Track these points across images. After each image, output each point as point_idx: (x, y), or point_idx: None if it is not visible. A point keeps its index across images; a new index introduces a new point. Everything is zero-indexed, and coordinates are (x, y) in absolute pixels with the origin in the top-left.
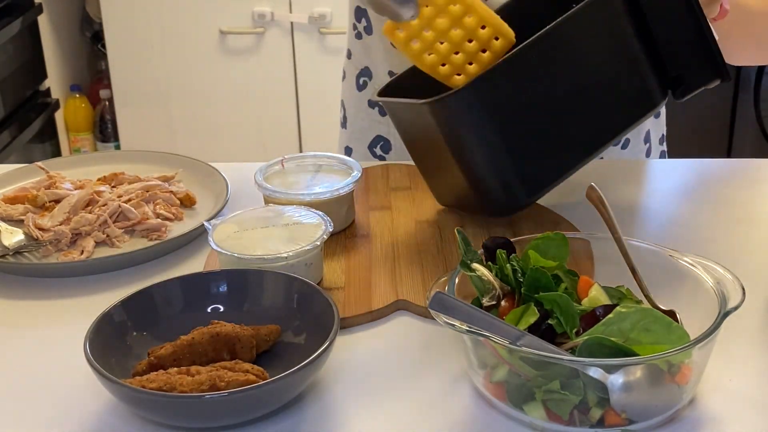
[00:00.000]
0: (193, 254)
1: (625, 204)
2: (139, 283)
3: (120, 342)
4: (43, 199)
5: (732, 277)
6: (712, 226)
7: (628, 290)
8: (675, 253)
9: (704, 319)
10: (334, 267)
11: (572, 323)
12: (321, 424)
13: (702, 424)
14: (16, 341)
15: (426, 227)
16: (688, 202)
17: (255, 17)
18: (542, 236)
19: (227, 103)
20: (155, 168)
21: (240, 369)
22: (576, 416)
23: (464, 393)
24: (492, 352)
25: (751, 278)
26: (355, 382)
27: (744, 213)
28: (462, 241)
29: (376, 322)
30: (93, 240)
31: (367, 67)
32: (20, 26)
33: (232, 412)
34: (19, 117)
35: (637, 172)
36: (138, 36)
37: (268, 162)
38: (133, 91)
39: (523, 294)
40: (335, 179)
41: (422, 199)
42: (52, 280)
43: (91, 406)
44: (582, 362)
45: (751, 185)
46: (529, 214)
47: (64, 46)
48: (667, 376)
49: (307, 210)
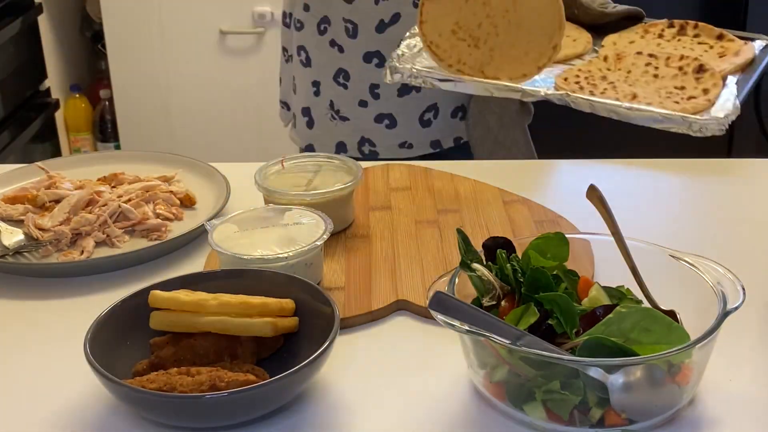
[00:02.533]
0: (193, 254)
1: (625, 204)
2: (139, 283)
3: (120, 342)
4: (43, 199)
5: (732, 277)
6: (712, 226)
7: (628, 290)
8: (675, 253)
9: (704, 319)
10: (334, 267)
11: (572, 323)
12: (321, 424)
13: (702, 424)
14: (16, 341)
15: (426, 227)
16: (688, 202)
17: (255, 17)
18: (542, 236)
19: (227, 103)
20: (155, 168)
21: (240, 369)
22: (576, 416)
23: (464, 393)
24: (492, 352)
25: (751, 278)
26: (355, 382)
27: (744, 213)
28: (462, 241)
29: (376, 322)
30: (93, 240)
31: (326, 16)
32: (20, 26)
33: (232, 412)
34: (19, 117)
35: (638, 172)
36: (138, 36)
37: (268, 162)
38: (133, 91)
39: (523, 294)
40: (335, 179)
41: (422, 199)
42: (52, 280)
43: (91, 406)
44: (582, 362)
45: (751, 185)
46: (530, 213)
47: (64, 46)
48: (667, 376)
49: (307, 210)
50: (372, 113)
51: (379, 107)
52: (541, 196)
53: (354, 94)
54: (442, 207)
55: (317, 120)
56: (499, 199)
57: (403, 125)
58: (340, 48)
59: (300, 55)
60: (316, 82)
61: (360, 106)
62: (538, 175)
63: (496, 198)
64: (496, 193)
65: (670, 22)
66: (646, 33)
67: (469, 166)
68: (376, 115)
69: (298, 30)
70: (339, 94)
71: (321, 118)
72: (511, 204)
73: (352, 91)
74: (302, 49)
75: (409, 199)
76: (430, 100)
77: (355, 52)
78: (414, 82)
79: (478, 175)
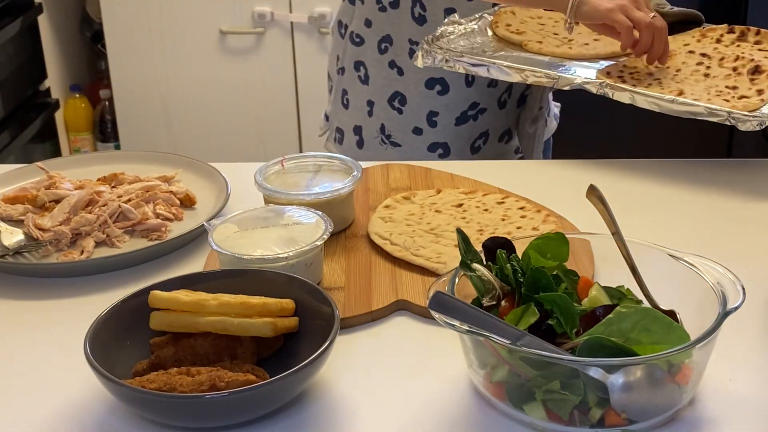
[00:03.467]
0: (193, 254)
1: (625, 204)
2: (139, 283)
3: (120, 342)
4: (43, 199)
5: (732, 277)
6: (712, 226)
7: (628, 290)
8: (675, 253)
9: (704, 319)
10: (334, 267)
11: (572, 323)
12: (321, 424)
13: (702, 424)
14: (16, 341)
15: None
16: (688, 202)
17: (255, 17)
18: (542, 236)
19: (227, 103)
20: (155, 168)
21: (240, 369)
22: (576, 416)
23: (464, 393)
24: (492, 352)
25: (751, 278)
26: (355, 382)
27: (744, 213)
28: (462, 241)
29: (376, 322)
30: (93, 240)
31: (388, 34)
32: (20, 26)
33: (232, 412)
34: (19, 117)
35: (638, 172)
36: (138, 36)
37: (268, 162)
38: (133, 91)
39: (523, 294)
40: (335, 179)
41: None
42: (52, 280)
43: (91, 406)
44: (582, 362)
45: (751, 185)
46: (529, 213)
47: (64, 46)
48: (667, 377)
49: (307, 210)
50: (426, 142)
51: (436, 136)
52: (542, 196)
53: (408, 119)
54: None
55: (367, 141)
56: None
57: (456, 155)
58: (399, 70)
59: (359, 71)
60: (371, 102)
61: (414, 133)
62: (538, 175)
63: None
64: (496, 193)
65: (730, 27)
66: (703, 37)
67: (469, 166)
68: (430, 144)
69: (357, 45)
70: (392, 118)
71: (371, 140)
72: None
73: (407, 116)
74: (362, 65)
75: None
76: (483, 127)
77: (416, 77)
78: (446, 66)
79: (478, 175)
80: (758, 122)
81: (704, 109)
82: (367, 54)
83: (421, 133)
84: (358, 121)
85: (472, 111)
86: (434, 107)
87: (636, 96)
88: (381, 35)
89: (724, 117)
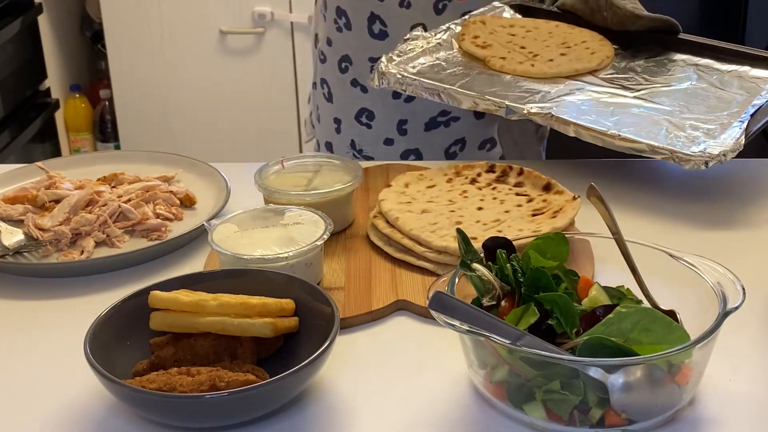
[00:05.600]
0: (193, 254)
1: (625, 204)
2: (139, 283)
3: (120, 342)
4: (43, 199)
5: (732, 277)
6: (712, 226)
7: (628, 290)
8: (675, 253)
9: (704, 319)
10: (334, 267)
11: (572, 323)
12: (321, 424)
13: (702, 424)
14: (16, 341)
15: None
16: (688, 202)
17: (255, 17)
18: (542, 236)
19: (227, 103)
20: (155, 168)
21: (240, 369)
22: (576, 416)
23: (464, 393)
24: (492, 352)
25: (751, 278)
26: (355, 382)
27: (744, 213)
28: (462, 241)
29: (376, 322)
30: (93, 240)
31: (347, 54)
32: (20, 26)
33: (232, 412)
34: (19, 117)
35: (637, 172)
36: (138, 36)
37: (268, 162)
38: (133, 91)
39: (523, 294)
40: (335, 179)
41: None
42: (52, 280)
43: (91, 406)
44: (582, 362)
45: (751, 185)
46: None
47: (64, 46)
48: (667, 377)
49: (307, 210)
50: (398, 150)
51: (407, 143)
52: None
53: (378, 132)
54: None
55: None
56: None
57: (429, 159)
58: (363, 88)
59: (323, 88)
60: (338, 120)
61: (385, 144)
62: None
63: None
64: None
65: (490, 165)
66: (457, 176)
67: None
68: (403, 151)
69: (322, 62)
70: (361, 133)
71: (343, 155)
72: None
73: (377, 130)
74: (325, 83)
75: None
76: (459, 134)
77: (382, 91)
78: (399, 88)
79: None
80: (703, 161)
81: (646, 146)
82: (329, 72)
83: (393, 143)
84: (328, 137)
85: (443, 118)
86: (403, 115)
87: (580, 130)
88: (340, 55)
89: (668, 155)
